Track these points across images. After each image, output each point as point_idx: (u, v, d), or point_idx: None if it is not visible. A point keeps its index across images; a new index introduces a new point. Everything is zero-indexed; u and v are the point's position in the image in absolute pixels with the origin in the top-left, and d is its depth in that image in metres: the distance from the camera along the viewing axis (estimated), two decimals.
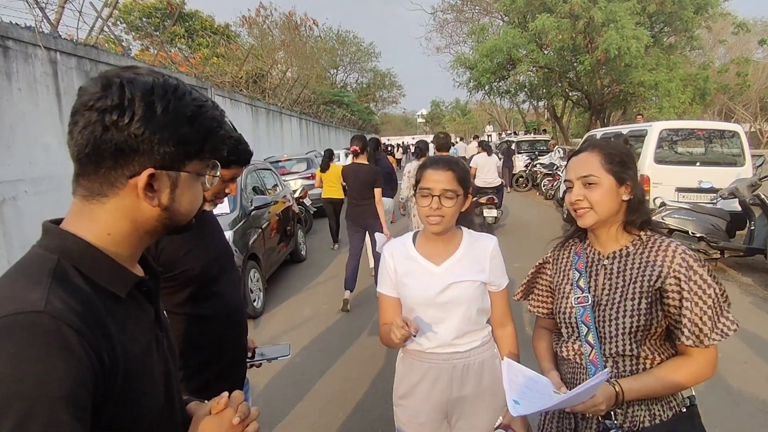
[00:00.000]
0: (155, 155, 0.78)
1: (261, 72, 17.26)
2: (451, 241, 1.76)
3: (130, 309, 0.84)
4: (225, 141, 0.91)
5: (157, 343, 0.89)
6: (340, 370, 4.19)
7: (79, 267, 0.77)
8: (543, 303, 1.70)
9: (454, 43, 29.15)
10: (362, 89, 44.32)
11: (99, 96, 0.76)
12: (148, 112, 0.76)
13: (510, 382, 1.40)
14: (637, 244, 1.45)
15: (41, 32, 6.08)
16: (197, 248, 1.65)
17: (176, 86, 0.82)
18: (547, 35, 18.22)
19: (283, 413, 3.53)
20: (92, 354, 0.70)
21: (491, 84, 22.51)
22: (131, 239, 0.84)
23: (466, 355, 1.74)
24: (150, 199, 0.81)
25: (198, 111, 0.83)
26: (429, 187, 1.66)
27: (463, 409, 1.77)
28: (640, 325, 1.38)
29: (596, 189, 1.43)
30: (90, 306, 0.74)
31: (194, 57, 15.09)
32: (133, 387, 0.77)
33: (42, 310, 0.68)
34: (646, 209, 1.48)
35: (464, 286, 1.70)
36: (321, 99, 27.27)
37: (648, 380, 1.37)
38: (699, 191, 7.32)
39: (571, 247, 1.62)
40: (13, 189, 5.28)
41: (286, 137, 18.56)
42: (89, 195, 0.80)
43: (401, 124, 70.14)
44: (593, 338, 1.44)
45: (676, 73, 18.58)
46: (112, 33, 10.00)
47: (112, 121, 0.75)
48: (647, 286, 1.38)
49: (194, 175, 0.86)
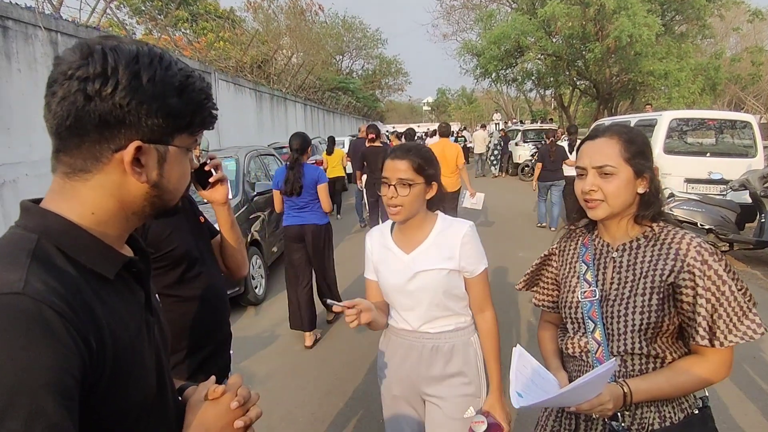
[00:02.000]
0: (142, 127, 0.74)
1: (266, 57, 17.10)
2: (421, 229, 1.76)
3: (119, 291, 0.78)
4: (213, 114, 0.86)
5: (148, 328, 0.83)
6: (340, 358, 4.15)
7: (62, 247, 0.72)
8: (548, 296, 1.62)
9: (461, 30, 28.81)
10: (368, 76, 43.98)
11: (79, 64, 0.70)
12: (134, 80, 0.72)
13: (517, 372, 1.34)
14: (649, 236, 1.36)
15: (42, 13, 5.98)
16: (179, 228, 1.67)
17: (161, 55, 0.77)
18: (556, 22, 17.95)
19: (283, 402, 3.49)
20: (78, 339, 0.64)
21: (498, 72, 22.29)
22: (117, 219, 0.79)
23: (435, 336, 1.76)
24: (138, 174, 0.76)
25: (186, 82, 0.78)
26: (386, 177, 1.69)
27: (434, 390, 1.78)
28: (651, 322, 1.29)
29: (612, 180, 1.33)
30: (74, 288, 0.68)
31: (198, 41, 14.95)
32: (123, 374, 0.72)
33: (20, 291, 0.62)
34: (660, 202, 1.38)
35: (430, 275, 1.70)
36: (326, 85, 27.05)
37: (658, 381, 1.29)
38: (709, 182, 7.21)
39: (578, 238, 1.53)
40: (13, 171, 5.24)
41: (290, 123, 18.44)
42: (71, 172, 0.74)
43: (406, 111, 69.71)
44: (600, 335, 1.36)
45: (687, 62, 18.29)
46: (115, 16, 9.88)
47: (94, 90, 0.70)
48: (659, 281, 1.30)
49: (183, 149, 0.82)
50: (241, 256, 1.85)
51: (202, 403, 0.87)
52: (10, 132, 5.24)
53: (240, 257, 1.85)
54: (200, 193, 1.64)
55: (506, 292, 5.38)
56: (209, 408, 0.86)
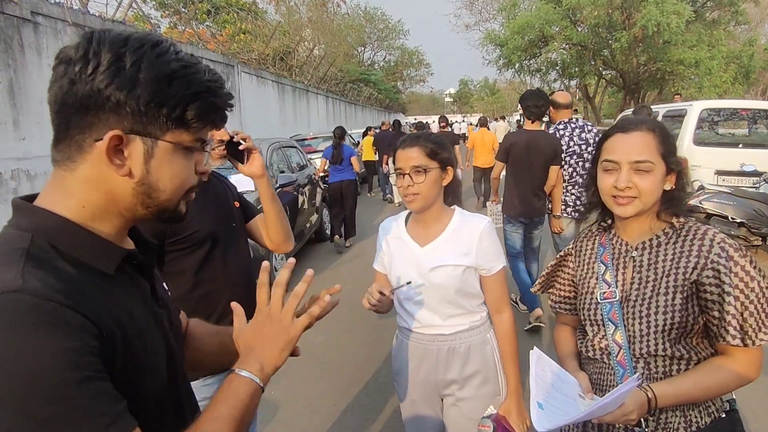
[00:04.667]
0: (123, 115, 0.70)
1: (288, 49, 17.15)
2: (438, 222, 1.72)
3: (123, 285, 0.77)
4: (218, 112, 0.79)
5: (156, 319, 0.82)
6: (363, 350, 4.17)
7: (57, 244, 0.70)
8: (565, 298, 1.57)
9: (484, 20, 28.50)
10: (389, 67, 43.82)
11: (70, 48, 0.70)
12: (115, 64, 0.68)
13: (537, 377, 1.28)
14: (669, 233, 1.30)
15: (70, 8, 6.10)
16: (204, 211, 1.71)
17: (158, 42, 0.73)
18: (581, 11, 17.61)
19: (305, 392, 3.52)
20: (90, 325, 0.64)
21: (521, 62, 22.01)
22: (109, 215, 0.76)
23: (451, 338, 1.71)
24: (118, 166, 0.72)
25: (181, 72, 0.72)
26: (400, 167, 1.66)
27: (453, 392, 1.75)
28: (675, 323, 1.24)
29: (648, 177, 1.26)
30: (73, 284, 0.67)
31: (221, 34, 15.07)
32: (134, 365, 0.72)
33: (19, 289, 0.61)
34: (685, 199, 1.33)
35: (446, 271, 1.66)
36: (348, 77, 27.03)
37: (684, 384, 1.24)
38: (741, 174, 6.98)
39: (595, 238, 1.47)
40: (44, 164, 5.37)
41: (312, 115, 18.50)
42: (60, 161, 0.74)
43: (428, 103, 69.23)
44: (622, 337, 1.32)
45: (719, 50, 17.76)
46: (141, 10, 10.02)
47: (75, 72, 0.68)
48: (682, 279, 1.25)
49: (178, 147, 0.76)
50: (284, 230, 1.89)
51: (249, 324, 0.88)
52: (41, 125, 5.37)
53: (283, 230, 1.89)
54: (239, 168, 1.69)
55: None
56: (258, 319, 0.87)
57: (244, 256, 1.86)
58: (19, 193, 5.06)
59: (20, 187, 5.08)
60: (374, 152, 12.16)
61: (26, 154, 5.19)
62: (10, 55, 5.10)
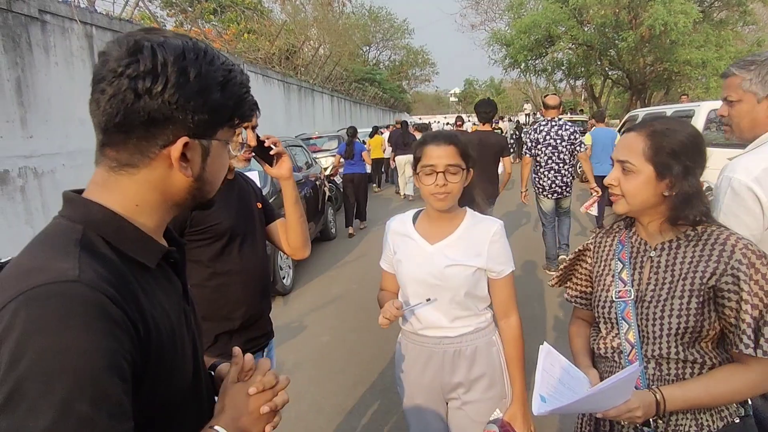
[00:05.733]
0: (189, 123, 0.75)
1: (293, 48, 17.16)
2: (450, 222, 1.70)
3: (159, 281, 0.81)
4: (254, 109, 0.88)
5: (186, 317, 0.86)
6: (369, 350, 4.16)
7: (105, 237, 0.74)
8: (582, 293, 1.56)
9: (490, 19, 28.44)
10: (394, 67, 43.76)
11: (129, 62, 0.70)
12: (182, 77, 0.72)
13: (544, 372, 1.27)
14: (690, 236, 1.28)
15: (77, 6, 6.11)
16: (227, 206, 1.76)
17: (206, 50, 0.77)
18: (588, 10, 17.53)
19: (311, 392, 3.52)
20: (129, 325, 0.67)
21: (527, 62, 21.91)
22: (159, 211, 0.81)
23: (457, 340, 1.68)
24: (184, 169, 0.77)
25: (228, 76, 0.78)
26: (432, 164, 1.59)
27: (459, 395, 1.72)
28: (689, 327, 1.23)
29: (631, 178, 1.28)
30: (121, 276, 0.71)
31: (227, 33, 15.09)
32: (165, 363, 0.74)
33: (76, 278, 0.64)
34: (700, 204, 1.27)
35: (455, 271, 1.63)
36: (353, 76, 27.02)
37: (695, 389, 1.22)
38: None
39: (614, 234, 1.46)
40: (51, 162, 5.39)
41: (317, 114, 18.50)
42: (117, 166, 0.76)
43: (433, 102, 69.09)
44: (634, 337, 1.31)
45: (726, 50, 17.63)
46: (147, 8, 10.04)
47: (145, 88, 0.70)
48: (699, 284, 1.23)
49: (223, 143, 0.83)
50: (303, 235, 1.92)
51: (234, 386, 0.88)
52: (48, 124, 5.39)
53: (302, 235, 1.92)
54: (267, 170, 1.72)
55: (531, 285, 5.30)
56: (239, 390, 0.87)
57: (260, 254, 1.90)
58: (25, 191, 5.09)
59: (27, 184, 5.10)
60: (383, 150, 13.35)
61: (33, 152, 5.21)
62: (18, 54, 5.12)
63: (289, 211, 1.87)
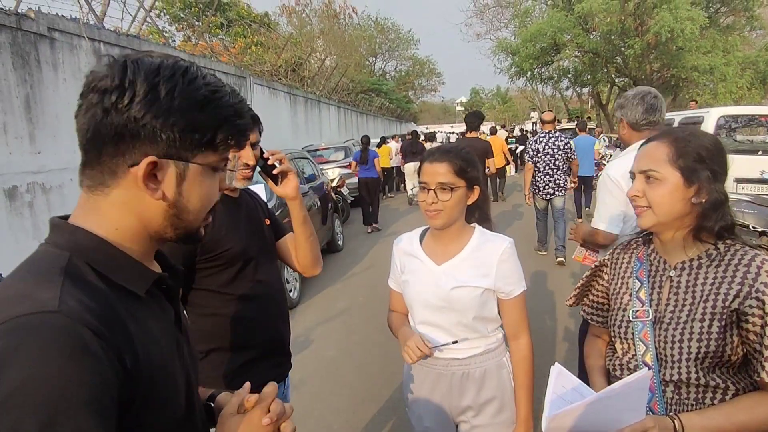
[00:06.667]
0: (159, 142, 0.72)
1: (299, 60, 17.27)
2: (457, 240, 1.64)
3: (151, 308, 0.78)
4: (244, 134, 0.82)
5: (178, 347, 0.83)
6: (376, 365, 4.10)
7: (93, 264, 0.71)
8: (598, 310, 1.51)
9: (495, 28, 28.49)
10: (401, 77, 43.90)
11: (102, 76, 0.70)
12: (151, 93, 0.70)
13: (554, 394, 1.21)
14: (713, 255, 1.23)
15: (86, 23, 6.18)
16: (237, 228, 1.70)
17: (187, 68, 0.75)
18: (594, 18, 17.52)
19: (317, 408, 3.47)
20: (113, 358, 0.64)
21: (533, 70, 21.90)
22: (141, 238, 0.78)
23: (465, 362, 1.64)
24: (152, 190, 0.74)
25: (211, 97, 0.75)
26: (425, 181, 1.59)
27: (468, 419, 1.68)
28: (710, 351, 1.17)
29: (657, 186, 1.23)
30: (107, 306, 0.68)
31: (234, 46, 15.23)
32: (156, 394, 0.72)
33: (56, 309, 0.61)
34: (726, 214, 1.23)
35: (463, 292, 1.58)
36: (359, 87, 27.12)
37: (716, 417, 1.16)
38: (761, 182, 6.83)
39: (632, 251, 1.41)
40: (59, 177, 5.42)
41: (324, 126, 18.57)
42: (93, 185, 0.74)
43: (439, 112, 69.18)
44: (652, 359, 1.25)
45: (734, 56, 17.52)
46: (155, 24, 10.15)
47: (111, 102, 0.69)
48: (721, 307, 1.17)
49: (207, 168, 0.78)
50: (313, 254, 1.85)
51: (234, 417, 0.85)
52: (56, 139, 5.43)
53: (312, 254, 1.85)
54: (273, 189, 1.66)
55: (542, 299, 5.23)
56: (238, 423, 0.83)
57: (275, 276, 1.84)
58: (34, 207, 5.12)
59: (35, 200, 5.13)
60: (389, 159, 14.04)
61: (42, 167, 5.25)
62: (27, 71, 5.17)
63: (297, 232, 1.80)
